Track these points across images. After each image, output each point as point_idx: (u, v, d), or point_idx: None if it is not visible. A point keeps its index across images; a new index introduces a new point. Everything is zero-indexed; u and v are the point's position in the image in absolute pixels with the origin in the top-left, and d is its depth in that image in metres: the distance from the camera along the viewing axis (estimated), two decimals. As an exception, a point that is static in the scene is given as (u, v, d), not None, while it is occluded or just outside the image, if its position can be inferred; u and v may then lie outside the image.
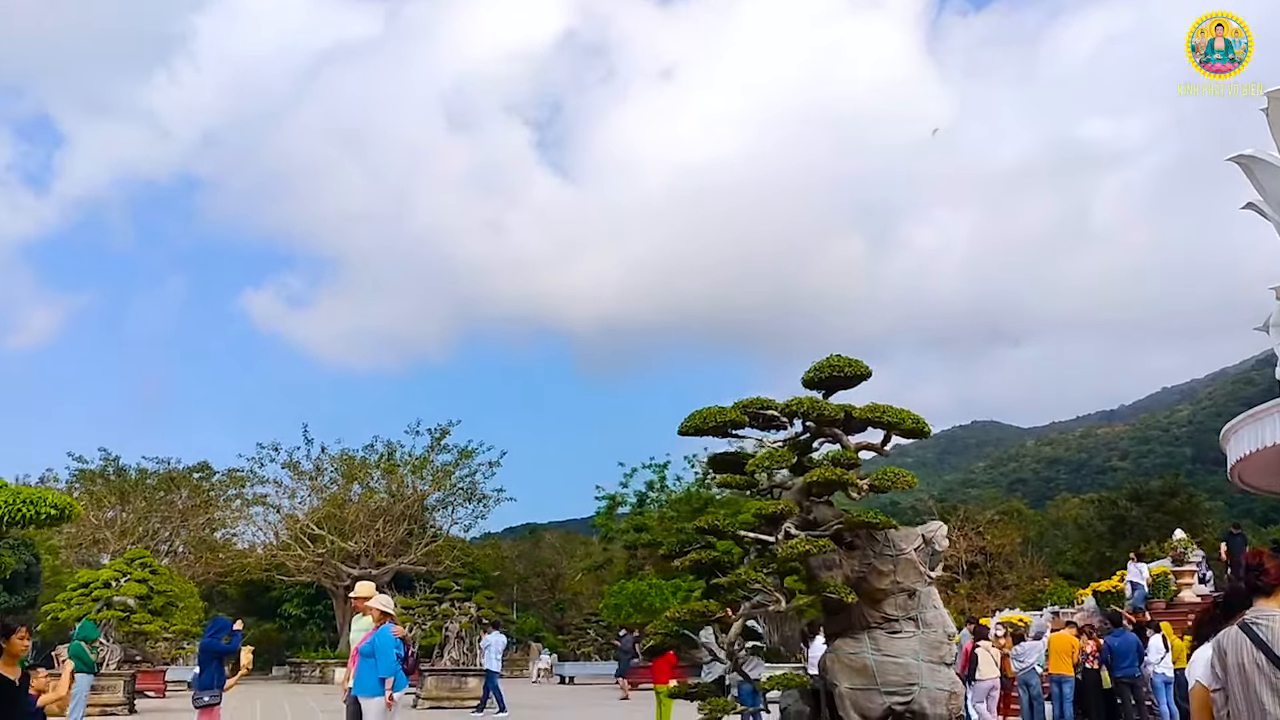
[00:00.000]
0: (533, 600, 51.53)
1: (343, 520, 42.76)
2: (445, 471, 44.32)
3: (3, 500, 8.99)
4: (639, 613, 33.18)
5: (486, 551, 49.48)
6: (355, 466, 44.39)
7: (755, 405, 9.52)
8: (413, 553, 42.93)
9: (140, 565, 26.05)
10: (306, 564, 42.68)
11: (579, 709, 24.86)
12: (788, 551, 8.62)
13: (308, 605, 49.52)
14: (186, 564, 44.66)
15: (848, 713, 8.96)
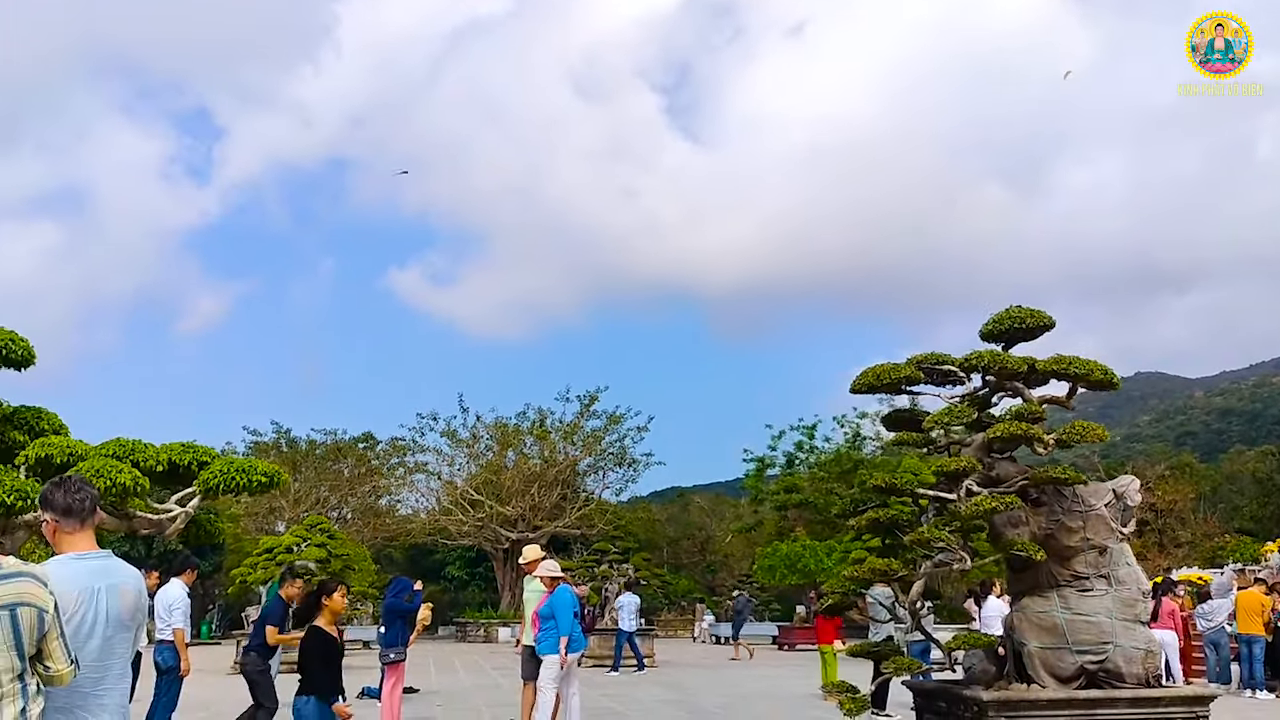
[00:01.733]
0: (683, 562, 52.06)
1: (499, 486, 44.08)
2: (595, 437, 45.11)
3: (218, 469, 9.62)
4: (794, 574, 33.17)
5: (638, 515, 50.20)
6: (509, 434, 45.63)
7: (930, 360, 9.31)
8: (566, 516, 43.92)
9: (319, 531, 27.46)
10: (467, 528, 44.21)
11: (742, 668, 25.06)
12: (972, 509, 8.43)
13: (469, 568, 51.40)
14: (355, 529, 46.89)
15: (1037, 672, 8.74)
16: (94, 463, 8.34)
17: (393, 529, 48.86)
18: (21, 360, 8.90)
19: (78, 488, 3.77)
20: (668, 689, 18.95)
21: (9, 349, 8.74)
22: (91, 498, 3.80)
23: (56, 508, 3.72)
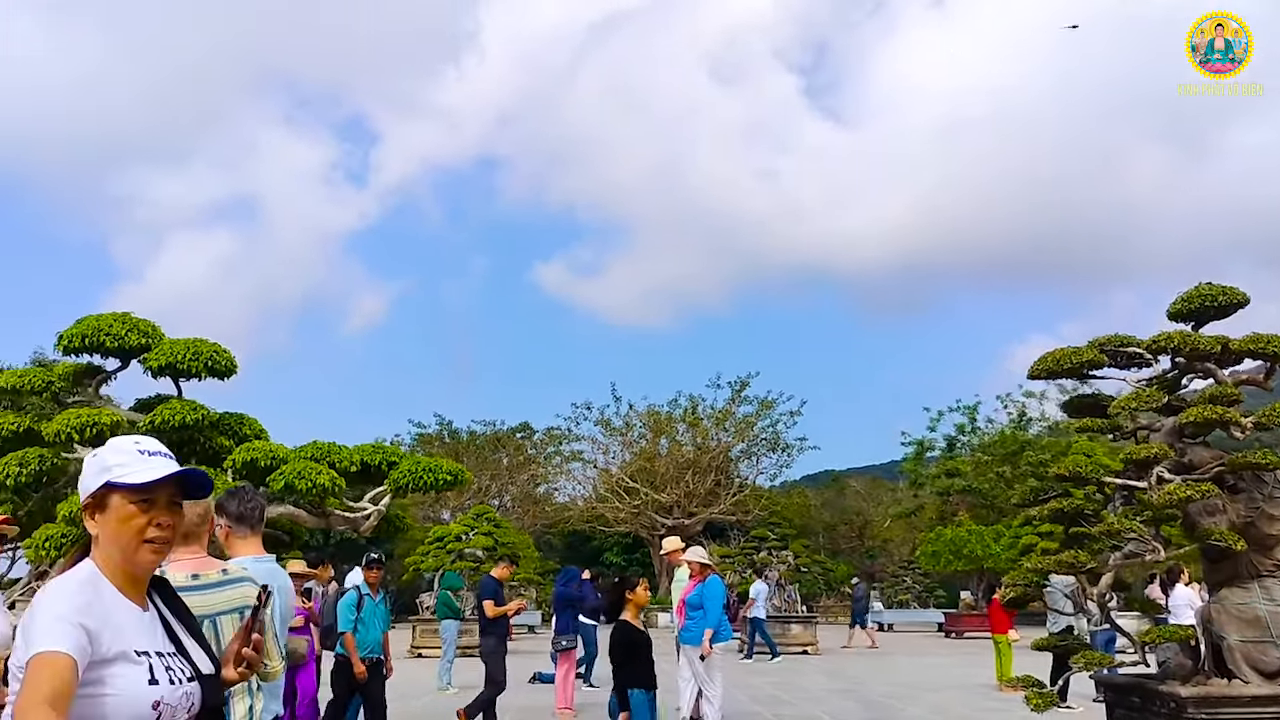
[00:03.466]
0: (840, 548, 51.45)
1: (654, 473, 44.57)
2: (747, 422, 45.05)
3: (406, 469, 10.12)
4: (959, 560, 32.35)
5: (792, 500, 49.88)
6: (662, 421, 46.05)
7: (1114, 343, 8.92)
8: (721, 503, 44.05)
9: (485, 520, 28.44)
10: (623, 515, 44.89)
11: (907, 657, 24.64)
12: (1164, 498, 8.06)
13: (626, 554, 52.20)
14: (515, 517, 48.26)
15: (1238, 666, 8.31)
16: (295, 465, 8.90)
17: (551, 516, 50.06)
18: (225, 370, 9.57)
19: (249, 497, 4.15)
20: (832, 677, 18.82)
21: (214, 360, 9.41)
22: (260, 507, 4.20)
23: (230, 515, 4.10)
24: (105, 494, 2.11)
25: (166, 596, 2.28)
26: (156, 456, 2.18)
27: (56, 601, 1.98)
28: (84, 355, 9.73)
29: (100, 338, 9.32)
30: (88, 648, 1.93)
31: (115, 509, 2.11)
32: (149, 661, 2.06)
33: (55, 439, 9.13)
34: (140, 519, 2.11)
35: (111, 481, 2.11)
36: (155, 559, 2.16)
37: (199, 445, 9.98)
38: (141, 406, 10.12)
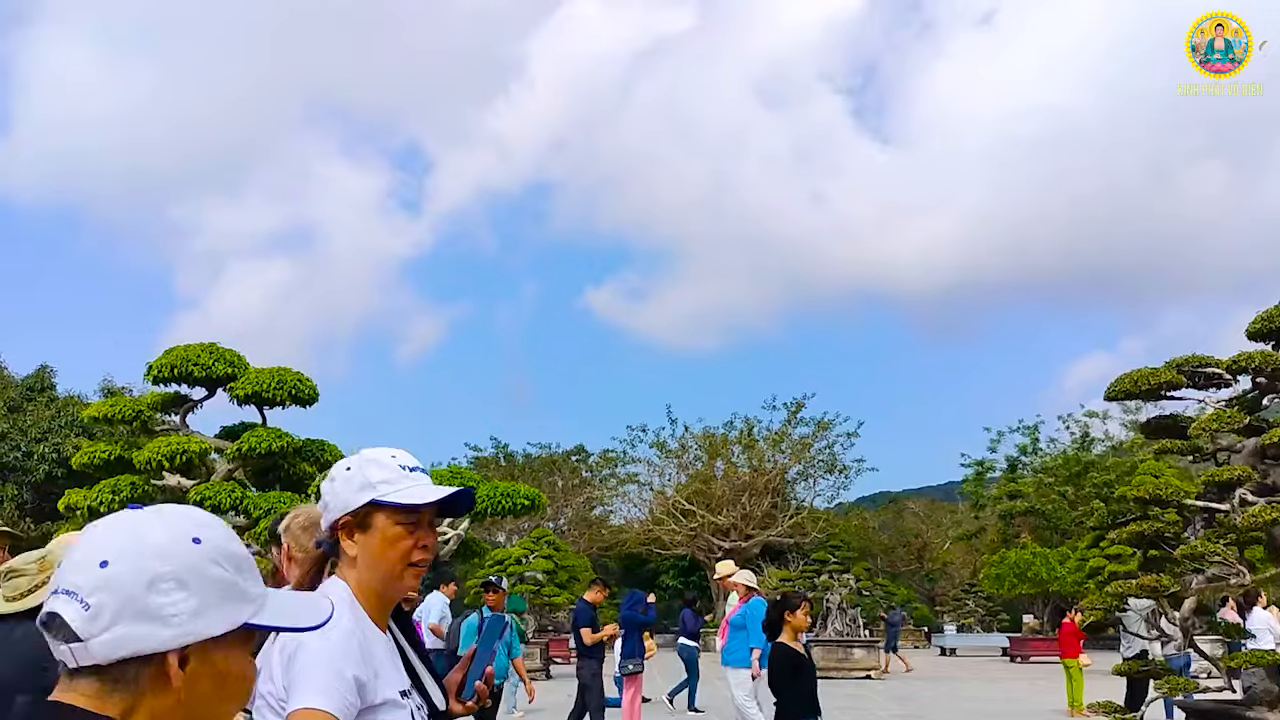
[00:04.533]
0: (900, 571, 50.83)
1: (710, 495, 44.46)
2: (804, 444, 44.78)
3: (485, 494, 10.31)
4: (1024, 583, 31.85)
5: (850, 522, 49.43)
6: (717, 443, 45.96)
7: (1192, 363, 8.86)
8: (778, 525, 43.78)
9: (545, 543, 28.61)
10: (680, 538, 44.80)
11: (975, 682, 24.29)
12: (1248, 521, 7.97)
13: (683, 576, 52.04)
14: (571, 540, 48.38)
15: (1329, 694, 8.16)
16: (377, 490, 9.11)
17: (607, 539, 50.10)
18: (308, 398, 9.83)
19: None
20: (900, 702, 18.63)
21: (297, 388, 9.67)
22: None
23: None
24: (369, 512, 1.94)
25: (399, 620, 2.12)
26: (416, 472, 2.00)
27: (329, 650, 1.81)
28: (172, 385, 10.06)
29: (188, 367, 9.63)
30: (356, 704, 1.81)
31: (380, 529, 1.94)
32: (410, 705, 1.94)
33: (146, 466, 9.44)
34: (407, 541, 1.96)
35: (378, 500, 1.93)
36: (416, 583, 2.01)
37: (284, 471, 10.25)
38: (227, 434, 10.42)
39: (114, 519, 1.18)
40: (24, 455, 31.27)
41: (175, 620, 1.10)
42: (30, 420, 31.98)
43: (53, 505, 31.59)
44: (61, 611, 1.08)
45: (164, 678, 1.11)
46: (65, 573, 1.10)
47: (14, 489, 31.06)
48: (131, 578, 1.09)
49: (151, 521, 1.16)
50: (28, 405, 32.96)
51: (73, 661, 1.10)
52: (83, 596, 1.08)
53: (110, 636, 1.08)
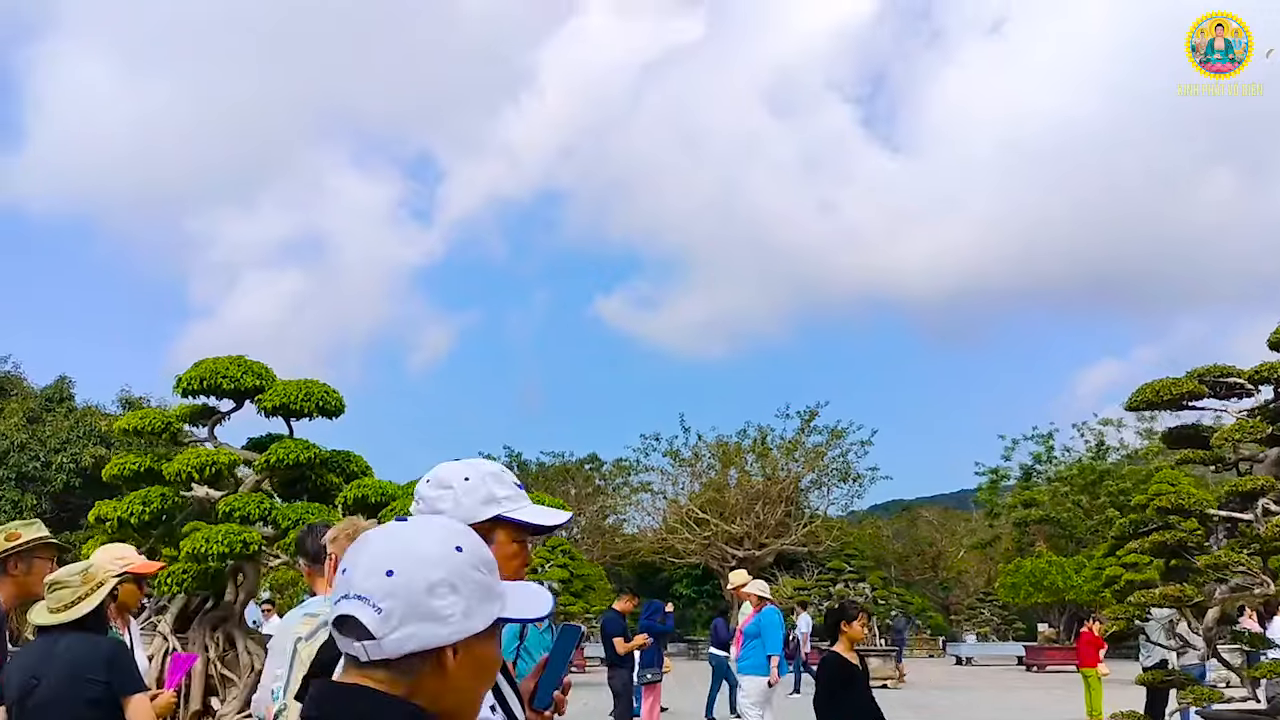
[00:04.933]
0: (914, 579, 50.72)
1: (723, 504, 44.46)
2: (817, 453, 44.74)
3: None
4: (1040, 591, 31.76)
5: (864, 531, 49.37)
6: (730, 452, 45.96)
7: (1214, 373, 8.90)
8: (792, 534, 43.74)
9: (560, 552, 28.66)
10: (693, 546, 44.79)
11: (994, 690, 24.25)
12: (1272, 530, 8.00)
13: (696, 585, 52.04)
14: (585, 548, 48.41)
15: (1354, 704, 8.18)
16: (404, 502, 9.21)
17: (620, 548, 50.12)
18: (334, 410, 9.97)
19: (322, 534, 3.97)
20: (916, 711, 18.64)
21: (324, 400, 9.82)
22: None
23: (308, 554, 4.05)
24: (491, 528, 1.94)
25: None
26: (522, 489, 2.04)
27: None
28: (200, 397, 10.19)
29: (217, 380, 9.76)
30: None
31: (501, 545, 1.95)
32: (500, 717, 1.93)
33: (175, 478, 9.57)
34: (520, 558, 1.98)
35: (503, 515, 1.95)
36: None
37: (311, 482, 10.37)
38: (254, 445, 10.55)
39: (387, 533, 1.37)
40: (43, 465, 31.50)
41: (451, 620, 1.30)
42: (49, 430, 32.22)
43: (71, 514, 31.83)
44: (357, 614, 1.27)
45: (441, 667, 1.31)
46: (355, 580, 1.30)
47: (33, 498, 31.29)
48: (414, 584, 1.28)
49: (422, 534, 1.36)
50: (47, 415, 33.21)
51: (365, 656, 1.29)
52: (375, 601, 1.27)
53: (399, 635, 1.27)
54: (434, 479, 2.05)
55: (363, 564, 1.31)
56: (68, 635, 3.78)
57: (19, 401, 33.66)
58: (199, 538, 8.76)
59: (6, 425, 32.29)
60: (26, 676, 3.69)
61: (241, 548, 8.79)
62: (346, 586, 1.30)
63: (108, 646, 3.86)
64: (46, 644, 3.80)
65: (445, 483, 2.03)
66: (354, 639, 1.28)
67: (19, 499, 31.02)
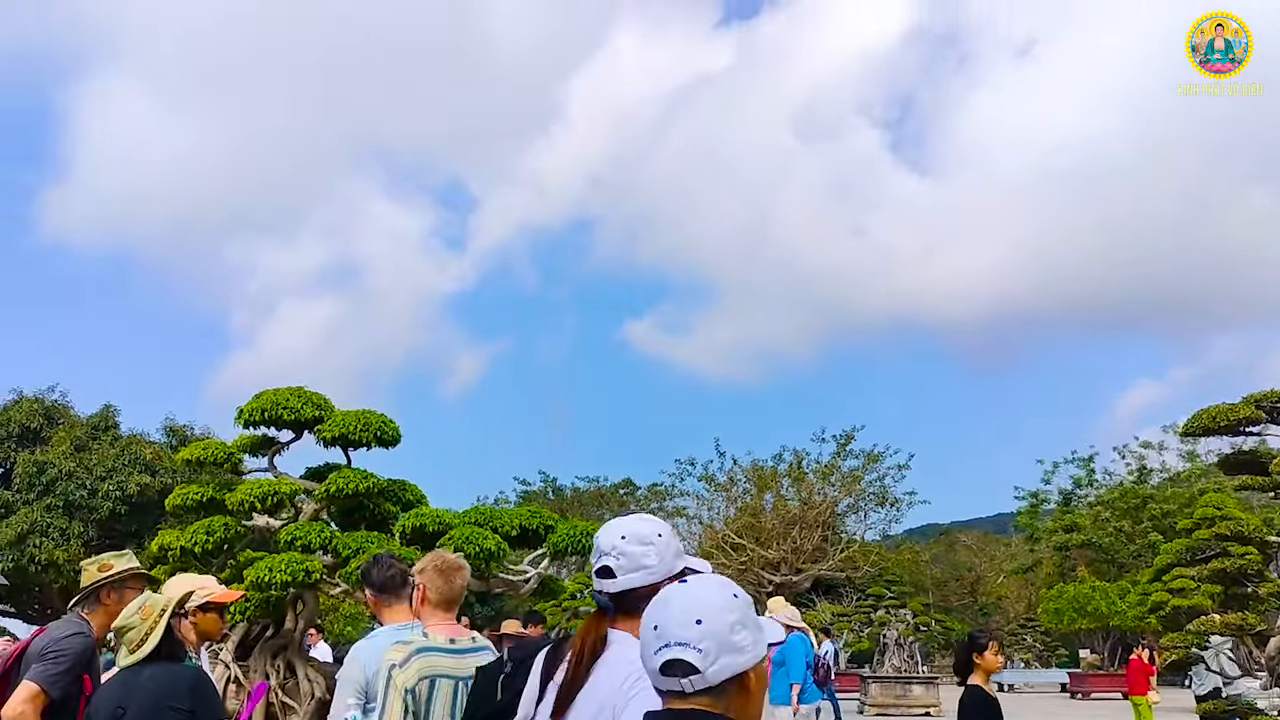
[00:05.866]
0: (953, 605, 50.20)
1: (759, 529, 44.30)
2: (854, 477, 44.50)
3: (564, 533, 10.49)
4: (1083, 617, 31.38)
5: (902, 556, 48.96)
6: (766, 476, 45.83)
7: (1271, 398, 8.85)
8: (829, 559, 43.47)
9: (599, 578, 28.66)
10: (729, 572, 44.53)
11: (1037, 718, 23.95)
12: (1335, 558, 7.93)
13: (733, 611, 51.76)
14: (621, 574, 48.31)
15: None
16: (462, 530, 9.35)
17: (658, 573, 50.00)
18: (391, 439, 10.14)
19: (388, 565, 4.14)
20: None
21: (382, 430, 9.99)
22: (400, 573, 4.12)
23: (374, 585, 4.14)
24: (679, 576, 2.18)
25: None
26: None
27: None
28: (260, 428, 10.39)
29: (277, 411, 9.96)
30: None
31: None
32: None
33: (238, 508, 9.75)
34: None
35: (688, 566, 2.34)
36: None
37: (368, 511, 10.54)
38: (312, 475, 10.73)
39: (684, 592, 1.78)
40: (90, 493, 31.96)
41: (747, 650, 1.74)
42: (96, 459, 32.70)
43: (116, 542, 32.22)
44: (683, 657, 1.70)
45: (745, 688, 1.75)
46: (671, 631, 1.72)
47: (80, 525, 31.74)
48: (720, 627, 1.72)
49: (712, 588, 1.81)
50: (93, 444, 33.71)
51: (690, 688, 1.71)
52: (694, 644, 1.70)
53: (717, 667, 1.70)
54: (630, 536, 2.34)
55: (674, 617, 1.72)
56: (150, 666, 3.90)
57: (66, 430, 34.20)
58: (262, 567, 8.92)
59: (54, 454, 32.84)
60: (113, 706, 3.81)
61: (303, 576, 8.94)
62: (665, 637, 1.71)
63: (190, 675, 3.97)
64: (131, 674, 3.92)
65: (645, 539, 2.33)
66: (680, 675, 1.69)
67: (66, 526, 31.50)
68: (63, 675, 4.33)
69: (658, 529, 2.36)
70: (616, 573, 2.28)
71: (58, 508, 31.70)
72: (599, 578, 2.32)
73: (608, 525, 2.42)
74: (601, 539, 2.36)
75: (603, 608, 2.32)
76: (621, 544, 2.31)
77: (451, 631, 3.69)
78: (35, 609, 35.04)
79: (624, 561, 2.29)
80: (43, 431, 34.52)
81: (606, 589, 2.29)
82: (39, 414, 34.81)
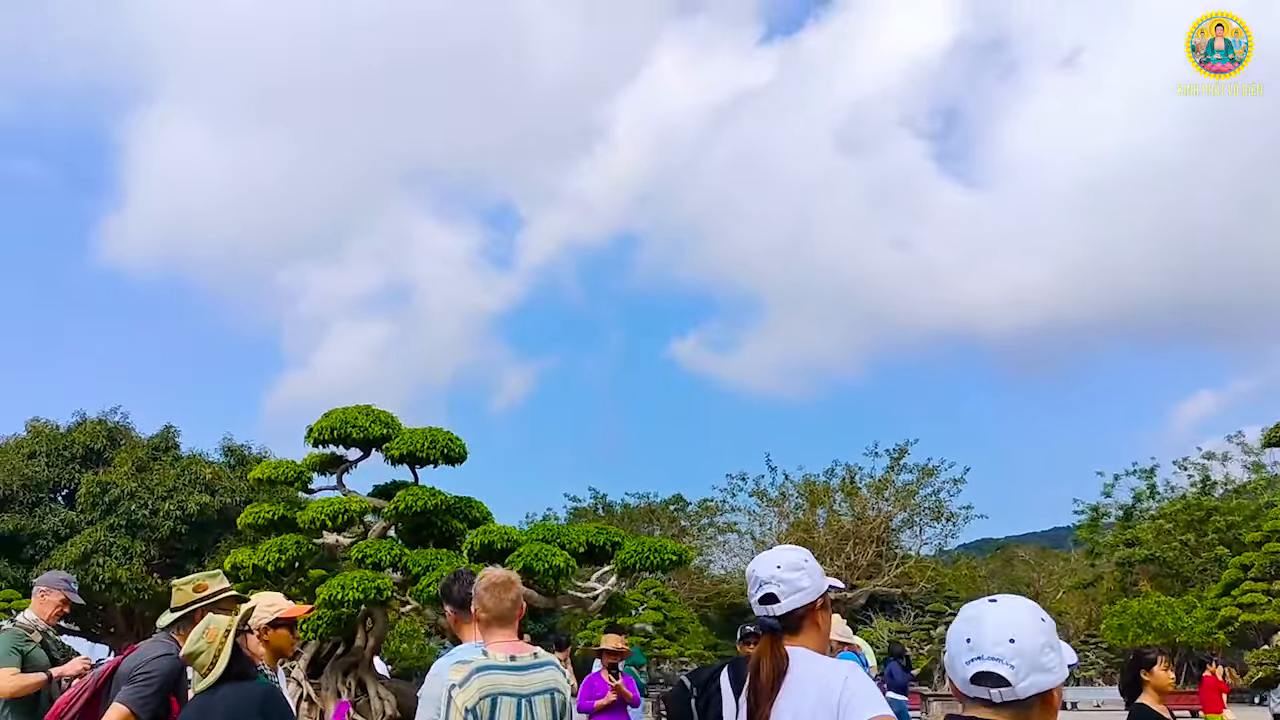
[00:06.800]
0: (1011, 620, 49.31)
1: (812, 544, 43.81)
2: (908, 491, 43.95)
3: (632, 549, 10.47)
4: (1148, 633, 30.63)
5: (958, 571, 48.21)
6: (818, 491, 45.42)
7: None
8: (884, 575, 42.94)
9: (654, 594, 28.56)
10: (783, 588, 44.20)
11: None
12: None
13: (786, 628, 51.30)
14: (671, 590, 48.17)
15: None
16: (530, 547, 9.34)
17: (708, 589, 49.71)
18: (458, 457, 10.19)
19: (470, 581, 4.02)
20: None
21: (449, 447, 10.04)
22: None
23: (455, 601, 4.11)
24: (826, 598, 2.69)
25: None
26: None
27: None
28: (329, 446, 10.49)
29: (346, 430, 10.05)
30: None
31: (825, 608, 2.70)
32: None
33: (309, 525, 9.84)
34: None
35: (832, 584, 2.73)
36: None
37: (436, 529, 10.58)
38: (379, 493, 10.81)
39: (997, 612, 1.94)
40: (151, 512, 32.52)
41: (1054, 670, 1.89)
42: (157, 478, 33.29)
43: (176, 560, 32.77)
44: (997, 670, 1.87)
45: (1048, 704, 1.91)
46: (985, 646, 1.89)
47: (142, 544, 32.29)
48: (1031, 647, 1.87)
49: (1023, 610, 1.96)
50: (154, 464, 34.33)
51: (999, 699, 1.88)
52: (1007, 660, 1.86)
53: (1026, 683, 1.86)
54: (785, 565, 2.67)
55: (988, 634, 1.89)
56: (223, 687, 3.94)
57: (128, 451, 34.86)
58: (334, 584, 8.98)
59: (117, 474, 33.47)
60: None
61: (375, 594, 8.99)
62: (978, 651, 1.90)
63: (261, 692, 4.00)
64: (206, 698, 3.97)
65: (797, 566, 2.67)
66: (990, 687, 1.87)
67: (129, 545, 32.06)
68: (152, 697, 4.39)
69: (804, 556, 2.68)
70: (780, 598, 2.60)
71: (120, 527, 32.28)
72: (763, 604, 2.62)
73: (761, 559, 2.72)
74: (760, 571, 2.67)
75: (771, 629, 2.59)
76: (778, 573, 2.63)
77: (512, 649, 3.67)
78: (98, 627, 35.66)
79: (784, 588, 2.61)
80: (105, 452, 35.23)
81: (773, 613, 2.60)
82: (102, 435, 35.54)
